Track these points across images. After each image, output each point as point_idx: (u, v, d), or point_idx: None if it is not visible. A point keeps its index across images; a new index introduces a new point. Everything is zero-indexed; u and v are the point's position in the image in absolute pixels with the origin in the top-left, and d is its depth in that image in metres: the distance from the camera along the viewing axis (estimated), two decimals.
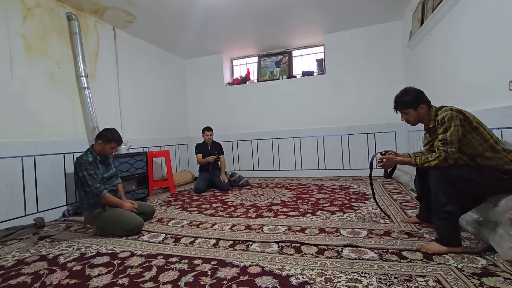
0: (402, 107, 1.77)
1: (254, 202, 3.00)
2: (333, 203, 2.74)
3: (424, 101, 1.72)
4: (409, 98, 1.73)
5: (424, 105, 1.72)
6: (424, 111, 1.72)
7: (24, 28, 2.68)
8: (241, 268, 1.48)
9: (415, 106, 1.72)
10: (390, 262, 1.45)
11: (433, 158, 1.58)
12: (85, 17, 3.32)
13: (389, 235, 1.82)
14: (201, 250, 1.76)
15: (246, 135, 5.01)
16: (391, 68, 4.19)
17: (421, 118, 1.75)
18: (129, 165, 3.30)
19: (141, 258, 1.69)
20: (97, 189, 2.09)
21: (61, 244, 2.03)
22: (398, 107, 1.79)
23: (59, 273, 1.55)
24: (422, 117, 1.75)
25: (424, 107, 1.72)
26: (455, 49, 2.42)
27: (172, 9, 3.37)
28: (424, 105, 1.72)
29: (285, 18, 3.82)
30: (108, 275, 1.49)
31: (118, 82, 3.75)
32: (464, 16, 2.22)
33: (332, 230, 1.98)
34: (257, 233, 2.02)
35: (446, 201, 1.48)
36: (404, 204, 2.55)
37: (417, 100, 1.72)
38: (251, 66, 5.37)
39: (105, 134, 2.21)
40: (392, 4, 3.61)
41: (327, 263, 1.48)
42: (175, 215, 2.68)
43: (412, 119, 1.77)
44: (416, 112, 1.73)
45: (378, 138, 4.26)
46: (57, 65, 2.97)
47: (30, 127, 2.68)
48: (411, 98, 1.72)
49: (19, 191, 2.54)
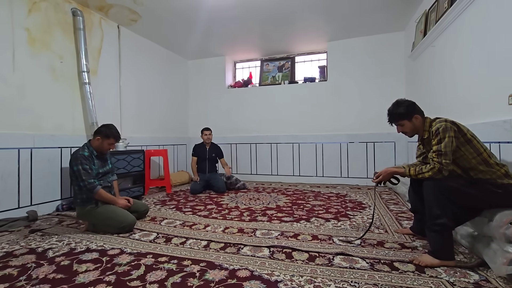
0: (396, 119, 1.76)
1: (249, 205, 2.98)
2: (328, 211, 2.72)
3: (417, 111, 1.72)
4: (402, 109, 1.73)
5: (418, 115, 1.71)
6: (419, 121, 1.71)
7: (28, 21, 2.69)
8: (230, 271, 1.46)
9: (409, 117, 1.71)
10: (381, 272, 1.43)
11: (427, 169, 1.57)
12: (90, 14, 3.34)
13: (382, 245, 1.80)
14: (192, 251, 1.74)
15: (245, 138, 5.00)
16: (393, 78, 4.20)
17: (417, 128, 1.74)
18: (126, 163, 3.29)
19: (131, 256, 1.67)
20: (90, 184, 2.08)
21: (52, 238, 2.01)
22: (392, 119, 1.79)
23: (46, 267, 1.53)
24: (417, 128, 1.73)
25: (419, 117, 1.71)
26: (455, 61, 2.43)
27: (177, 9, 3.39)
28: (418, 115, 1.71)
29: (289, 23, 3.84)
30: (95, 271, 1.48)
31: (120, 79, 3.76)
32: (465, 28, 2.23)
33: (325, 238, 1.96)
34: (249, 236, 2.01)
35: (439, 213, 1.47)
36: (399, 215, 2.53)
37: (410, 111, 1.72)
38: (253, 69, 5.39)
39: (104, 130, 2.21)
40: (396, 15, 3.63)
41: (317, 270, 1.46)
42: (168, 214, 2.66)
43: (408, 130, 1.76)
44: (411, 123, 1.72)
45: (377, 148, 4.24)
46: (60, 59, 2.98)
47: (29, 119, 2.67)
48: (404, 109, 1.72)
49: (14, 183, 2.53)
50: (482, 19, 2.01)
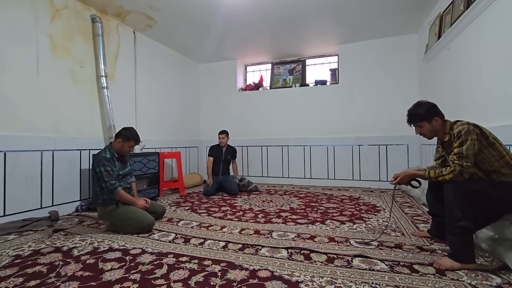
0: (416, 120, 1.75)
1: (263, 207, 3.00)
2: (342, 213, 2.72)
3: (437, 114, 1.71)
4: (423, 111, 1.72)
5: (438, 117, 1.70)
6: (438, 124, 1.70)
7: (51, 28, 2.80)
8: (250, 272, 1.49)
9: (429, 119, 1.70)
10: (401, 274, 1.44)
11: (447, 172, 1.56)
12: (108, 20, 3.44)
13: (400, 248, 1.80)
14: (211, 252, 1.78)
15: (256, 141, 5.04)
16: (405, 81, 4.18)
17: (436, 131, 1.73)
18: (142, 165, 3.36)
19: (152, 255, 1.72)
20: (112, 185, 2.15)
21: (75, 237, 2.08)
22: (411, 120, 1.78)
23: (73, 265, 1.59)
24: (436, 130, 1.73)
25: (438, 119, 1.70)
26: (472, 64, 2.41)
27: (192, 15, 3.47)
28: (438, 117, 1.70)
29: (301, 27, 3.87)
30: (120, 269, 1.53)
31: (135, 83, 3.86)
32: (482, 31, 2.21)
33: (342, 240, 1.97)
34: (266, 238, 2.03)
35: (461, 216, 1.47)
36: (415, 218, 2.51)
37: (431, 112, 1.71)
38: (264, 73, 5.43)
39: (125, 133, 2.28)
40: (409, 18, 3.62)
41: (337, 272, 1.48)
42: (184, 216, 2.71)
43: (426, 132, 1.75)
44: (431, 125, 1.71)
45: (390, 150, 4.22)
46: (80, 64, 3.08)
47: (51, 122, 2.77)
48: (424, 111, 1.71)
49: (37, 184, 2.62)
50: (500, 21, 2.00)
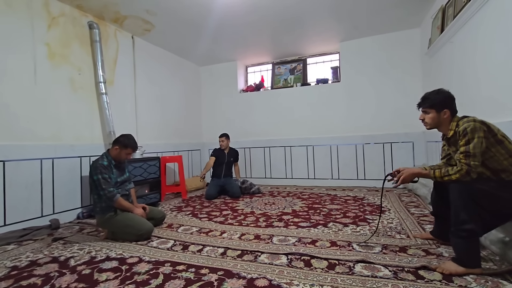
0: (427, 104, 1.65)
1: (264, 210, 2.95)
2: (346, 215, 2.65)
3: (450, 107, 1.61)
4: (438, 98, 1.62)
5: (448, 111, 1.60)
6: (446, 117, 1.61)
7: (48, 36, 2.80)
8: (248, 280, 1.44)
9: (440, 108, 1.61)
10: (405, 281, 1.37)
11: (454, 171, 1.48)
12: (105, 26, 3.44)
13: (405, 251, 1.73)
14: (209, 259, 1.73)
15: (258, 142, 4.99)
16: (408, 77, 4.08)
17: (440, 124, 1.64)
18: (142, 170, 3.35)
19: (149, 264, 1.69)
20: (110, 192, 2.13)
21: (73, 246, 2.06)
22: (423, 103, 1.68)
23: (68, 276, 1.56)
24: (440, 123, 1.64)
25: (448, 113, 1.60)
26: (477, 57, 2.32)
27: (188, 17, 3.44)
28: (448, 111, 1.60)
29: (300, 25, 3.81)
30: (115, 280, 1.49)
31: (135, 88, 3.85)
32: (487, 22, 2.12)
33: (344, 244, 1.90)
34: (266, 243, 1.98)
35: (467, 218, 1.39)
36: (421, 218, 2.43)
37: (445, 103, 1.60)
38: (265, 73, 5.38)
39: (122, 140, 2.26)
40: (411, 12, 3.53)
41: (338, 279, 1.42)
42: (185, 221, 2.67)
43: (429, 121, 1.66)
44: (438, 115, 1.62)
45: (394, 148, 4.12)
46: (78, 71, 3.08)
47: (50, 130, 2.77)
48: (440, 99, 1.61)
49: (37, 193, 2.62)
50: (505, 11, 1.91)
